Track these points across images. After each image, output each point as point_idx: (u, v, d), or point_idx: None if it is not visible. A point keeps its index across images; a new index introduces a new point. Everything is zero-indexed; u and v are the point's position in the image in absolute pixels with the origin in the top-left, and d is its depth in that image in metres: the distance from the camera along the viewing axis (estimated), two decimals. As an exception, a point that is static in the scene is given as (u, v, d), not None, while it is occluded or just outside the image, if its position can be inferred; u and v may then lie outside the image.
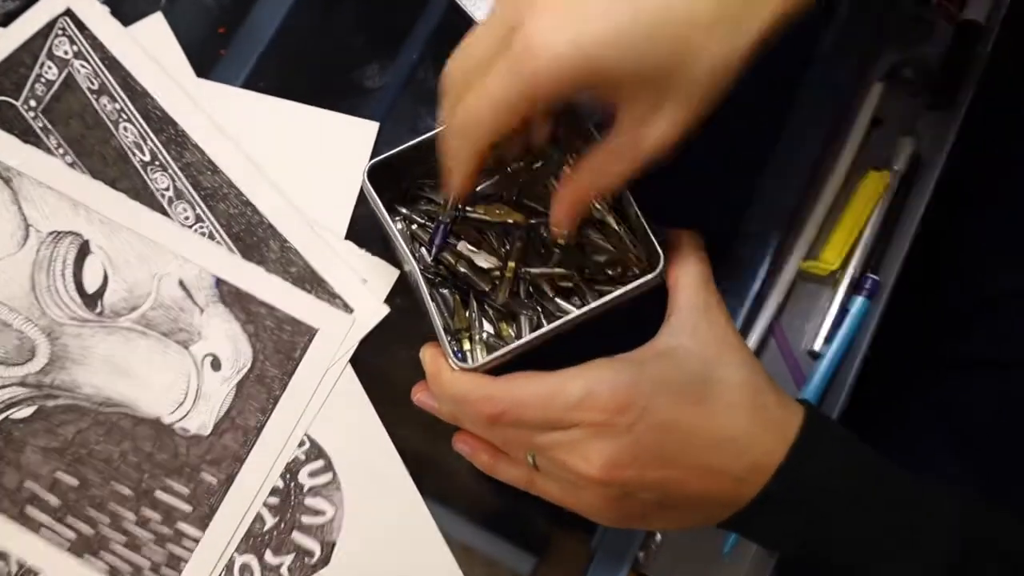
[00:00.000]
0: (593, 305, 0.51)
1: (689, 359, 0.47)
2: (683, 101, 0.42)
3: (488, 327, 0.54)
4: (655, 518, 0.48)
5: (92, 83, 0.62)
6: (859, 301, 0.60)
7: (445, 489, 0.57)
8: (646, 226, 0.52)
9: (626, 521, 0.48)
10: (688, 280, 0.50)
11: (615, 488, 0.46)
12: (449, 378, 0.49)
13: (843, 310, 0.60)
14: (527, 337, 0.50)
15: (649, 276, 0.51)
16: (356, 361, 0.59)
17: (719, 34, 0.41)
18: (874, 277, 0.60)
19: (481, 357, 0.52)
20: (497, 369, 0.49)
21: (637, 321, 0.49)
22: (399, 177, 0.57)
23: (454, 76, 0.45)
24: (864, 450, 0.47)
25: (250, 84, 0.64)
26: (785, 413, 0.47)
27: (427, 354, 0.51)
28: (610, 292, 0.51)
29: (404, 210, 0.57)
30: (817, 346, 0.60)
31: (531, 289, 0.55)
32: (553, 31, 0.39)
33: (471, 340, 0.54)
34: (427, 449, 0.58)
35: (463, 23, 0.65)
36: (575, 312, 0.51)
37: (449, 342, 0.52)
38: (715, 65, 0.42)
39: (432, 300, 0.52)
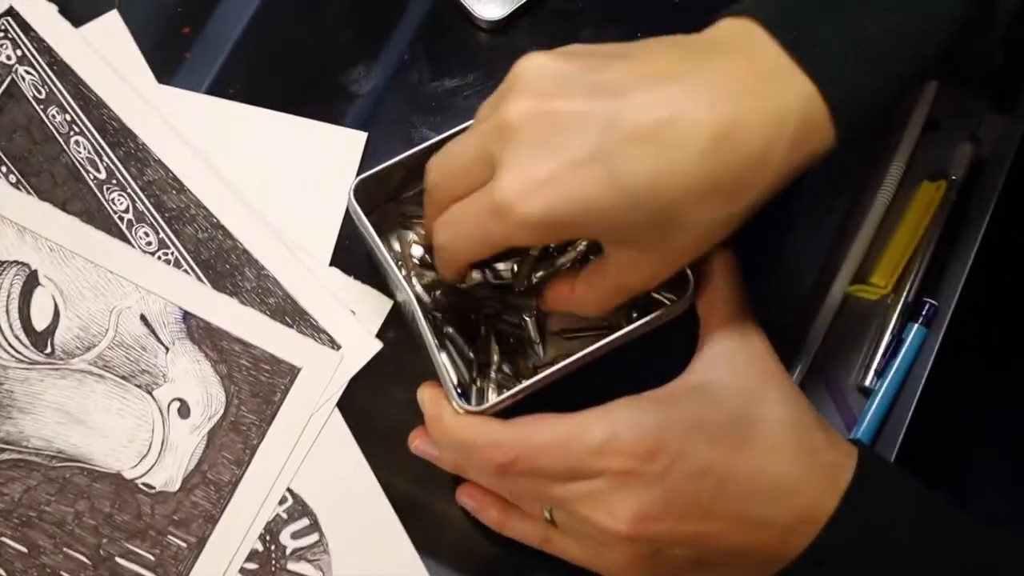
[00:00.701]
0: (614, 336, 0.51)
1: (726, 396, 0.46)
2: (674, 253, 0.45)
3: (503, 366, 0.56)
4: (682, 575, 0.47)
5: (39, 92, 0.62)
6: (915, 329, 0.60)
7: (447, 550, 0.57)
8: None
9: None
10: (721, 304, 0.50)
11: (645, 544, 0.45)
12: (452, 422, 0.49)
13: (897, 340, 0.60)
14: (542, 374, 0.50)
15: (677, 302, 0.52)
16: (344, 404, 0.58)
17: (712, 203, 0.43)
18: (931, 302, 0.60)
19: (492, 397, 0.52)
20: (507, 412, 0.49)
21: (661, 352, 0.49)
22: (390, 194, 0.57)
23: (436, 182, 0.48)
24: (929, 497, 0.46)
25: (219, 90, 0.63)
26: (836, 455, 0.46)
27: (426, 395, 0.51)
28: (634, 320, 0.51)
29: (396, 231, 0.58)
30: (868, 381, 0.59)
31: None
32: (523, 199, 0.42)
33: (485, 378, 0.54)
34: (427, 504, 0.57)
35: (459, 18, 0.65)
36: (594, 345, 0.51)
37: (467, 382, 0.54)
38: (709, 226, 0.44)
39: (431, 333, 0.51)
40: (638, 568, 0.46)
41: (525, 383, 0.50)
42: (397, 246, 0.58)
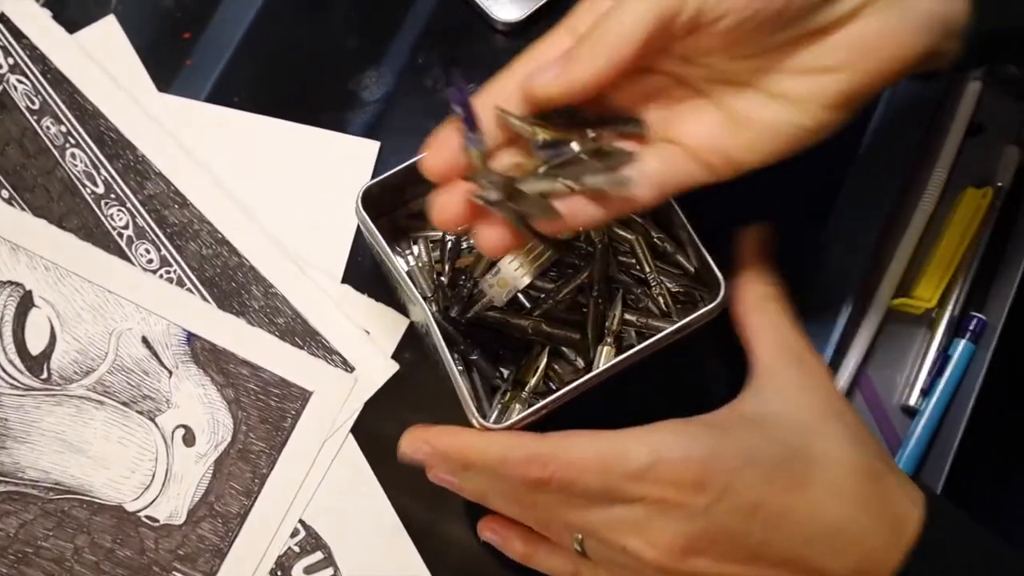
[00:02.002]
0: (640, 347, 0.50)
1: (782, 430, 0.45)
2: None
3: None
4: None
5: (32, 102, 0.62)
6: (962, 345, 0.59)
7: (472, 585, 0.56)
8: (699, 244, 0.52)
9: None
10: (768, 324, 0.49)
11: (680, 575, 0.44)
12: (478, 440, 0.47)
13: (943, 357, 0.59)
14: (570, 386, 0.50)
15: (707, 307, 0.51)
16: (359, 430, 0.58)
17: None
18: (979, 316, 0.59)
19: (515, 415, 0.52)
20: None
21: (688, 362, 0.50)
22: (401, 202, 0.58)
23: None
24: (1003, 554, 0.45)
25: (222, 98, 0.63)
26: (903, 502, 0.45)
27: (429, 433, 0.49)
28: (661, 328, 0.51)
29: (408, 240, 0.58)
30: (913, 400, 0.59)
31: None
32: None
33: (515, 396, 0.54)
34: (448, 536, 0.56)
35: (475, 20, 0.65)
36: (619, 357, 0.51)
37: (484, 399, 0.54)
38: None
39: (446, 347, 0.51)
40: None
41: (555, 395, 0.49)
42: (410, 257, 0.58)
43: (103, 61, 0.63)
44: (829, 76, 0.45)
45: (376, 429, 0.58)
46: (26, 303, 0.58)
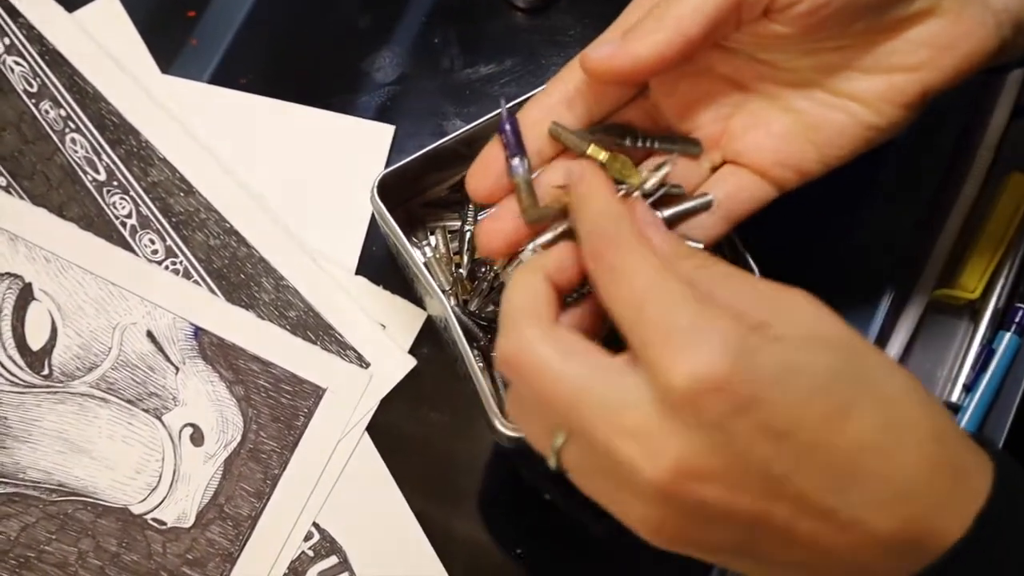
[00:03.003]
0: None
1: (822, 342, 0.37)
2: None
3: None
4: (719, 560, 0.39)
5: (30, 84, 0.62)
6: (1007, 338, 0.58)
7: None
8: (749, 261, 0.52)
9: (684, 549, 0.39)
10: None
11: (682, 507, 0.36)
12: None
13: (987, 350, 0.58)
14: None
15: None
16: (375, 428, 0.58)
17: None
18: None
19: None
20: None
21: None
22: (418, 190, 0.58)
23: None
24: None
25: (229, 80, 0.63)
26: (969, 457, 0.38)
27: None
28: None
29: (425, 230, 0.58)
30: (955, 396, 0.58)
31: None
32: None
33: None
34: (470, 539, 0.56)
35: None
36: None
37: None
38: None
39: (469, 347, 0.51)
40: (663, 534, 0.37)
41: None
42: (427, 248, 0.58)
43: (104, 41, 0.63)
44: (906, 75, 0.44)
45: (393, 427, 0.58)
46: (26, 296, 0.58)
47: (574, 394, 0.37)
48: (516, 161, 0.45)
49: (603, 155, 0.45)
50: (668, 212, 0.45)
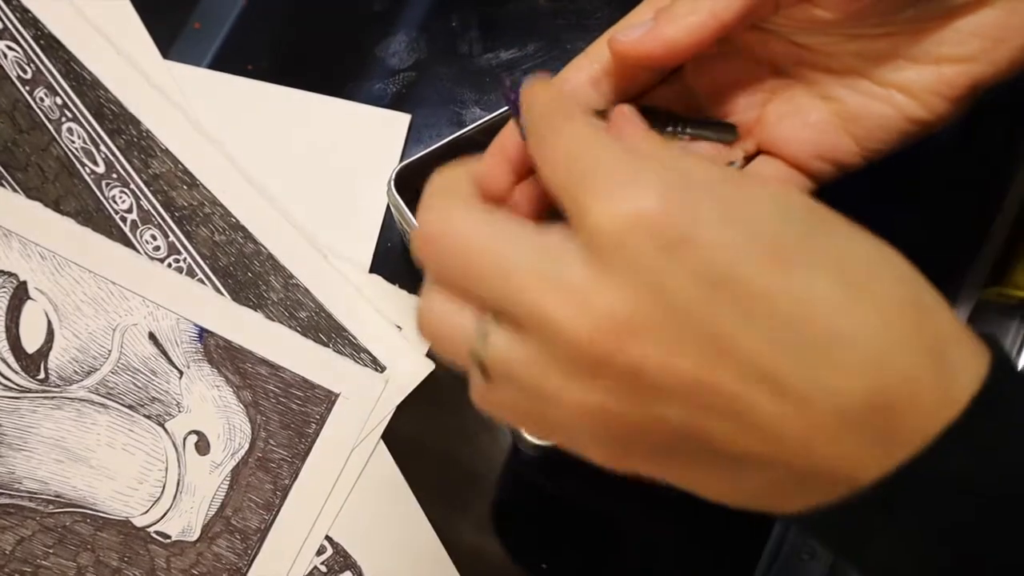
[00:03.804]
0: None
1: (786, 206, 0.34)
2: None
3: None
4: (668, 464, 0.35)
5: (24, 71, 0.61)
6: None
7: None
8: None
9: (620, 454, 0.35)
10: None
11: (620, 377, 0.32)
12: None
13: None
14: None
15: None
16: (391, 436, 0.58)
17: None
18: None
19: None
20: None
21: None
22: None
23: None
24: None
25: (235, 66, 0.63)
26: (955, 344, 0.33)
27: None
28: None
29: None
30: None
31: None
32: None
33: None
34: (493, 554, 0.57)
35: None
36: None
37: None
38: None
39: None
40: (609, 430, 0.34)
41: None
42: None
43: (102, 25, 0.62)
44: (956, 66, 0.42)
45: (410, 435, 0.58)
46: (20, 295, 0.58)
47: (502, 262, 0.33)
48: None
49: None
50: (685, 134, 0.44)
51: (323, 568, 0.56)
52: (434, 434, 0.58)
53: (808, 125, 0.45)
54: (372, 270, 0.60)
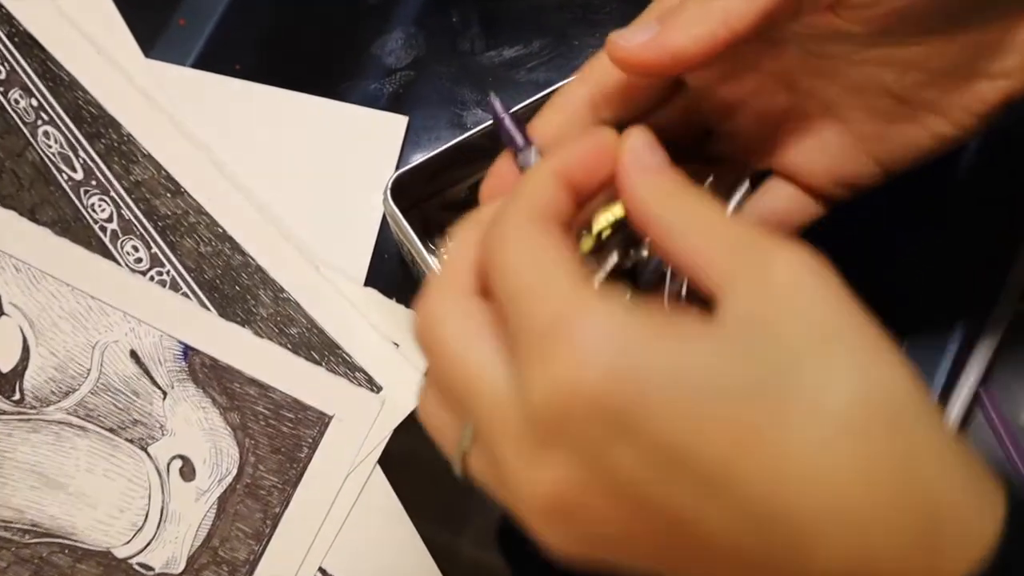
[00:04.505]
0: None
1: (770, 344, 0.32)
2: None
3: None
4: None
5: None
6: None
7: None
8: None
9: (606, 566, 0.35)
10: (699, 215, 0.37)
11: (578, 538, 0.33)
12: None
13: None
14: None
15: None
16: (388, 460, 0.57)
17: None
18: None
19: None
20: None
21: None
22: (435, 191, 0.58)
23: None
24: None
25: (222, 65, 0.62)
26: (963, 489, 0.31)
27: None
28: None
29: (443, 235, 0.58)
30: None
31: None
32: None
33: None
34: None
35: None
36: None
37: None
38: None
39: None
40: (572, 554, 0.34)
41: None
42: (444, 255, 0.56)
43: (81, 22, 0.62)
44: (991, 81, 0.40)
45: (408, 459, 0.57)
46: None
47: (472, 383, 0.34)
48: (523, 153, 0.41)
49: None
50: None
51: (316, 602, 0.55)
52: (433, 458, 0.53)
53: (826, 150, 0.43)
54: (367, 283, 0.59)
